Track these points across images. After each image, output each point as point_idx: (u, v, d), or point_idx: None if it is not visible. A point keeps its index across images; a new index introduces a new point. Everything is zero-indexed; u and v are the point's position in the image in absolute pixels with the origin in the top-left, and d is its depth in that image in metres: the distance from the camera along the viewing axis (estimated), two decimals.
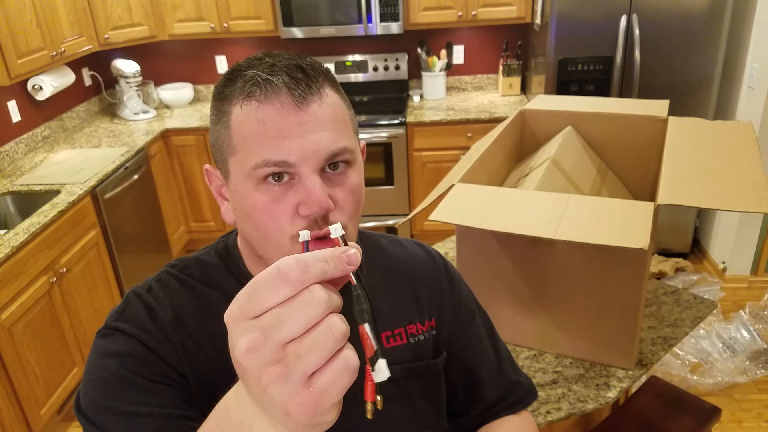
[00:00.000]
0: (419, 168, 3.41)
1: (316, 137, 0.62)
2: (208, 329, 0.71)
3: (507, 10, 3.32)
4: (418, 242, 0.91)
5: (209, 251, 0.79)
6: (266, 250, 0.68)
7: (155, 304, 0.71)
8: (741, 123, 1.51)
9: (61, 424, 2.49)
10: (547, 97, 1.91)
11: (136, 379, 0.65)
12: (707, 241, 3.29)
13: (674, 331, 1.48)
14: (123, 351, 0.67)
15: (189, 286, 0.74)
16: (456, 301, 0.88)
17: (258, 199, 0.64)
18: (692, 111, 2.94)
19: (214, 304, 0.73)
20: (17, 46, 2.57)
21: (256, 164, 0.62)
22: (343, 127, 0.66)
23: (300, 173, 0.63)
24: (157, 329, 0.69)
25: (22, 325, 2.19)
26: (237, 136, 0.64)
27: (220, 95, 0.67)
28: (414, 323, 0.83)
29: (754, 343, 2.59)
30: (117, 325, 0.69)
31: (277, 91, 0.62)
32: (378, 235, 0.89)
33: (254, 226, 0.66)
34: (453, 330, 0.87)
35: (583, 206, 1.17)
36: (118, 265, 2.83)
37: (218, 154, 0.68)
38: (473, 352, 0.89)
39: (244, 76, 0.64)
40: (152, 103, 3.68)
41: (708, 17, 2.80)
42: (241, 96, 0.63)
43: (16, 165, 2.94)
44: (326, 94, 0.65)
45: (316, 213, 0.62)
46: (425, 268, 0.87)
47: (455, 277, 0.90)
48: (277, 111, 0.62)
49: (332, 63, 3.69)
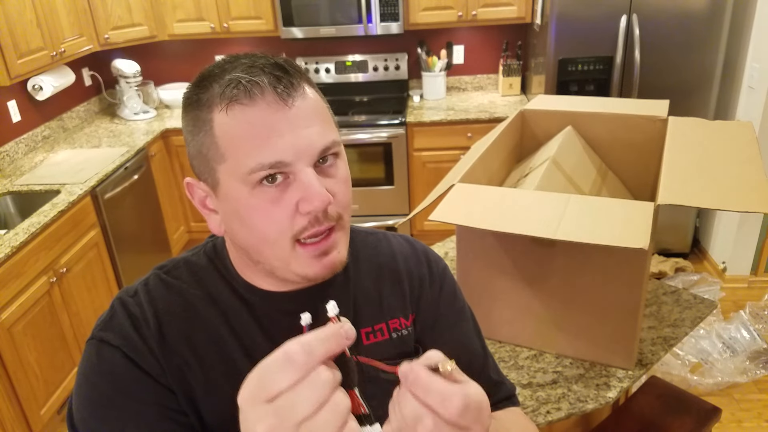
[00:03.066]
0: (419, 168, 3.41)
1: (307, 132, 0.62)
2: (190, 337, 0.71)
3: (507, 10, 3.32)
4: (405, 237, 0.90)
5: (198, 252, 0.78)
6: (263, 255, 0.67)
7: (139, 313, 0.70)
8: (741, 123, 1.51)
9: (61, 424, 2.48)
10: (547, 97, 1.91)
11: (125, 403, 0.66)
12: (707, 241, 3.29)
13: (674, 331, 1.48)
14: (110, 370, 0.67)
15: (175, 290, 0.73)
16: (436, 294, 0.86)
17: (255, 204, 0.63)
18: (692, 111, 2.94)
19: (199, 307, 0.72)
20: (17, 46, 2.57)
21: (251, 169, 0.61)
22: (327, 120, 0.66)
23: (295, 171, 0.62)
24: (142, 341, 0.69)
25: (22, 325, 2.19)
26: (224, 142, 0.63)
27: (194, 103, 0.65)
28: (397, 317, 0.82)
29: (754, 343, 2.59)
30: (102, 335, 0.69)
31: (261, 90, 0.61)
32: (363, 230, 0.88)
33: (251, 232, 0.65)
34: (431, 323, 0.86)
35: (583, 206, 1.17)
36: (118, 265, 2.83)
37: (202, 165, 0.66)
38: (456, 344, 0.87)
39: (221, 80, 0.62)
40: (152, 103, 3.68)
41: (708, 17, 2.80)
42: (223, 101, 0.62)
43: (16, 165, 2.94)
44: (306, 88, 0.65)
45: (318, 208, 0.62)
46: (410, 263, 0.86)
47: (437, 270, 0.88)
48: (265, 111, 0.61)
49: (332, 63, 3.70)
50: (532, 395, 1.30)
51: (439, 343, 0.85)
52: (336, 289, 0.78)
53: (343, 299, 0.77)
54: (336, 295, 0.76)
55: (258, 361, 0.43)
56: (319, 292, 0.74)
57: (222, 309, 0.73)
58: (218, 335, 0.71)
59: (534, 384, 1.34)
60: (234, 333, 0.72)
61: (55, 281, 2.36)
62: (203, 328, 0.71)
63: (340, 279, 0.78)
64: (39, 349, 2.28)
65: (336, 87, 3.74)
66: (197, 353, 0.70)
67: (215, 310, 0.72)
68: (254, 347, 0.72)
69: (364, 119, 3.35)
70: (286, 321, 0.73)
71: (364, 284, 0.81)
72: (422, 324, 0.85)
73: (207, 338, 0.71)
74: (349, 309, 0.79)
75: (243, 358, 0.71)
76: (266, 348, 0.72)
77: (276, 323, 0.73)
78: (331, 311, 0.50)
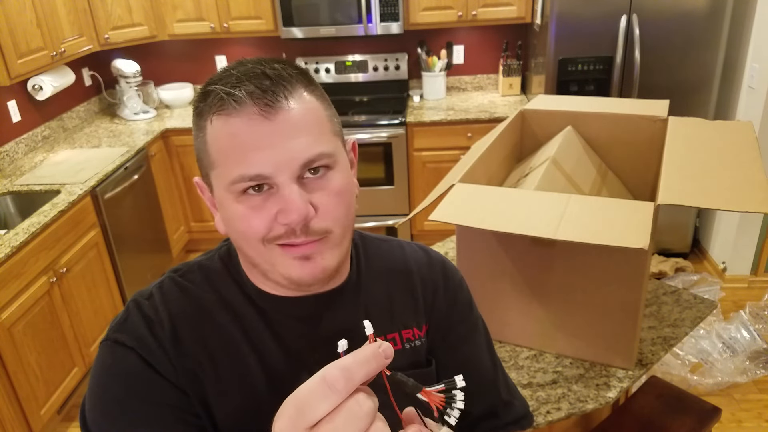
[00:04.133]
0: (419, 168, 3.41)
1: (289, 145, 0.61)
2: (204, 339, 0.71)
3: (507, 10, 3.32)
4: (422, 246, 0.89)
5: (212, 256, 0.78)
6: (254, 258, 0.68)
7: (154, 315, 0.71)
8: (741, 123, 1.51)
9: (61, 424, 2.48)
10: (547, 97, 1.91)
11: (138, 405, 0.66)
12: (707, 241, 3.29)
13: (674, 331, 1.48)
14: (124, 371, 0.67)
15: (189, 293, 0.73)
16: (450, 305, 0.85)
17: (237, 210, 0.64)
18: (692, 111, 2.94)
19: (212, 311, 0.72)
20: (17, 46, 2.57)
21: (233, 179, 0.62)
22: (318, 130, 0.64)
23: (277, 183, 0.62)
24: (156, 343, 0.69)
25: (22, 325, 2.19)
26: (213, 151, 0.64)
27: (196, 109, 0.67)
28: (410, 328, 0.81)
29: (754, 343, 2.59)
30: (117, 336, 0.69)
31: (242, 102, 0.61)
32: (377, 237, 0.87)
33: (237, 236, 0.67)
34: (443, 334, 0.84)
35: (583, 206, 1.17)
36: (118, 265, 2.83)
37: (201, 168, 0.69)
38: (466, 359, 0.86)
39: (214, 91, 0.63)
40: (152, 103, 3.68)
41: (708, 17, 2.80)
42: (212, 111, 0.63)
43: (16, 165, 2.94)
44: (298, 98, 0.63)
45: (294, 221, 0.62)
46: (424, 273, 0.85)
47: (453, 281, 0.87)
48: (245, 123, 0.61)
49: (332, 63, 3.70)
50: (532, 395, 1.30)
51: (450, 358, 0.85)
52: (346, 296, 0.77)
53: (353, 307, 0.77)
54: (346, 302, 0.76)
55: (270, 366, 0.43)
56: (327, 298, 0.74)
57: (235, 313, 0.73)
58: (232, 339, 0.72)
59: (534, 384, 1.34)
60: (247, 337, 0.72)
61: (55, 281, 2.36)
62: (217, 332, 0.72)
63: (350, 286, 0.77)
64: (39, 349, 2.28)
65: (336, 87, 3.74)
66: (211, 356, 0.70)
67: (229, 314, 0.73)
68: (266, 352, 0.72)
69: (364, 119, 3.35)
70: (298, 327, 0.73)
71: (375, 292, 0.80)
72: (435, 335, 0.84)
73: (221, 341, 0.71)
74: (360, 317, 0.78)
75: (256, 363, 0.71)
76: (278, 353, 0.72)
77: (288, 329, 0.73)
78: (369, 329, 0.48)
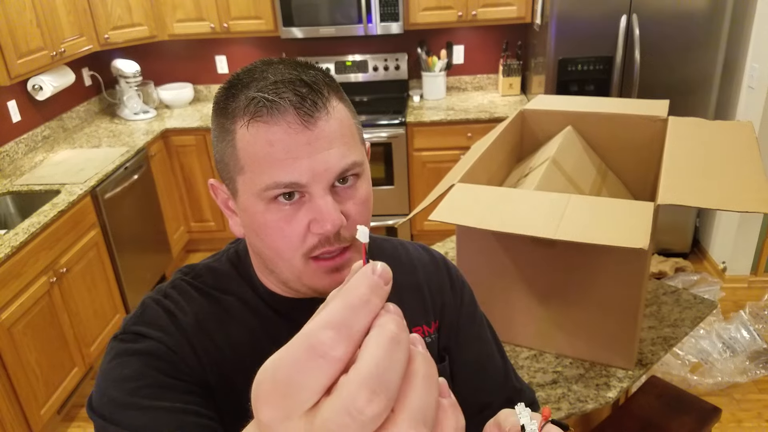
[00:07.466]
0: (419, 168, 3.41)
1: (326, 156, 0.62)
2: (229, 335, 0.71)
3: (507, 10, 3.32)
4: (422, 245, 0.91)
5: (220, 258, 0.78)
6: (278, 267, 0.68)
7: (175, 308, 0.70)
8: (741, 123, 1.51)
9: (61, 424, 2.48)
10: (547, 97, 1.91)
11: (158, 376, 0.64)
12: (707, 241, 3.29)
13: (674, 331, 1.48)
14: (144, 350, 0.66)
15: (205, 293, 0.73)
16: (458, 304, 0.87)
17: (269, 220, 0.63)
18: (692, 111, 2.94)
19: (232, 311, 0.72)
20: (17, 46, 2.57)
21: (267, 186, 0.62)
22: (351, 140, 0.65)
23: (311, 192, 0.62)
24: (178, 332, 0.68)
25: (22, 325, 2.19)
26: (244, 156, 0.63)
27: (222, 110, 0.66)
28: (419, 326, 0.82)
29: (754, 343, 2.59)
30: (136, 329, 0.68)
31: (283, 111, 0.60)
32: (381, 238, 0.88)
33: (265, 245, 0.66)
34: (455, 333, 0.86)
35: (583, 206, 1.17)
36: (118, 265, 2.83)
37: (224, 171, 0.67)
38: (480, 356, 0.88)
39: (247, 94, 0.62)
40: (152, 103, 3.68)
41: (708, 17, 2.80)
42: (246, 116, 0.62)
43: (16, 165, 2.93)
44: (332, 107, 0.63)
45: (329, 231, 0.62)
46: (428, 271, 0.86)
47: (457, 279, 0.89)
48: (285, 131, 0.61)
49: (332, 63, 3.69)
50: None
51: (465, 356, 0.87)
52: None
53: None
54: None
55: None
56: None
57: (255, 312, 0.73)
58: (253, 336, 0.71)
59: (534, 384, 1.34)
60: (268, 335, 0.72)
61: (55, 281, 2.36)
62: (238, 327, 0.72)
63: None
64: (39, 349, 2.28)
65: None
66: (237, 349, 0.70)
67: (249, 313, 0.73)
68: None
69: (364, 119, 3.35)
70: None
71: None
72: (447, 331, 0.85)
73: (243, 336, 0.71)
74: None
75: None
76: None
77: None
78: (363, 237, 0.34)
